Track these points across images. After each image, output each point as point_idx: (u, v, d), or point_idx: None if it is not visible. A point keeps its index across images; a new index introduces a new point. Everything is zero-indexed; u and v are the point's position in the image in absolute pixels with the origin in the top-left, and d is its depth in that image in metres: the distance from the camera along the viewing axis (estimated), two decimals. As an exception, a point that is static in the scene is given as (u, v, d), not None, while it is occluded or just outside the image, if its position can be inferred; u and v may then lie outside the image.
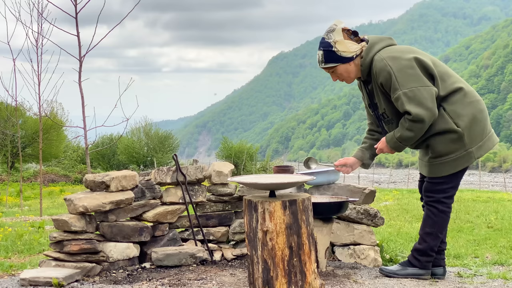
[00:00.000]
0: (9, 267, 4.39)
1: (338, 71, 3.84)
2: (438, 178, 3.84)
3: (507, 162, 61.76)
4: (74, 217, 3.96)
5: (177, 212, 4.49)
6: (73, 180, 30.33)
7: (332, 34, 3.75)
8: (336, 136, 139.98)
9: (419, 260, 3.92)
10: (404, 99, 3.61)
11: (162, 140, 37.60)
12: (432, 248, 3.89)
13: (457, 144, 3.73)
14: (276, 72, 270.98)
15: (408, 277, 3.91)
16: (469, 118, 3.73)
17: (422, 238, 3.91)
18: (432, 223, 3.87)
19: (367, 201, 4.60)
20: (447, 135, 3.73)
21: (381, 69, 3.69)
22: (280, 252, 3.09)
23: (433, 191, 3.87)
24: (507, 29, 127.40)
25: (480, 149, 3.79)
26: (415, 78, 3.62)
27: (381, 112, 3.88)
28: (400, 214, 8.89)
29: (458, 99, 3.74)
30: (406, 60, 3.66)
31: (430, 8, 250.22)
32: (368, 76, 3.86)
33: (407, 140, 3.74)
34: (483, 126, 3.80)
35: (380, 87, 3.77)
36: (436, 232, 3.87)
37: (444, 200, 3.86)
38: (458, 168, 3.79)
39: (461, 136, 3.72)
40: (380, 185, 35.01)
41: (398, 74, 3.63)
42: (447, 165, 3.79)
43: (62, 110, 29.28)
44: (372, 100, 3.94)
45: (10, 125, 18.16)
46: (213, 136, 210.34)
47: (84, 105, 7.10)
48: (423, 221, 3.93)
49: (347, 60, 3.77)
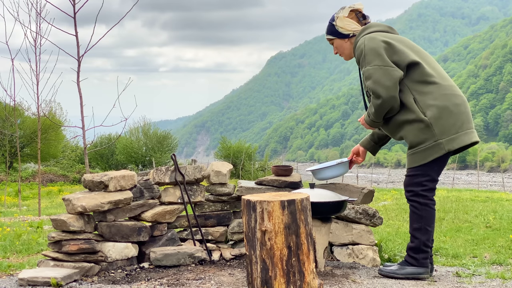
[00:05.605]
0: (8, 267, 4.39)
1: (334, 45, 4.15)
2: (411, 170, 3.90)
3: (506, 162, 61.82)
4: (73, 217, 3.95)
5: (176, 212, 4.49)
6: (72, 180, 30.33)
7: (341, 10, 4.09)
8: (335, 136, 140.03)
9: (415, 258, 3.92)
10: (366, 75, 3.84)
11: (161, 140, 37.61)
12: (425, 243, 3.91)
13: (426, 134, 3.81)
14: (274, 72, 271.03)
15: (409, 276, 3.91)
16: (439, 109, 3.80)
17: (413, 236, 3.94)
18: (418, 218, 3.90)
19: (366, 200, 4.60)
20: (415, 124, 3.83)
21: (358, 47, 3.96)
22: (278, 252, 3.09)
23: (411, 184, 3.92)
24: (505, 29, 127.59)
25: (452, 141, 3.81)
26: (381, 58, 3.81)
27: (367, 89, 4.01)
28: (399, 214, 8.90)
29: (431, 90, 3.85)
30: (380, 42, 3.86)
31: (428, 8, 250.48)
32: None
33: (372, 115, 3.92)
34: (457, 119, 3.83)
35: (358, 65, 4.00)
36: (424, 226, 3.89)
37: (423, 193, 3.88)
38: (428, 158, 3.83)
39: (428, 126, 3.80)
40: (378, 185, 35.05)
41: (368, 52, 3.85)
42: (416, 156, 3.86)
43: (60, 110, 29.32)
44: (361, 79, 4.11)
45: (9, 125, 18.16)
46: (212, 136, 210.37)
47: (83, 105, 7.10)
48: (410, 218, 3.97)
49: (343, 36, 4.07)
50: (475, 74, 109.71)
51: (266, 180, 4.70)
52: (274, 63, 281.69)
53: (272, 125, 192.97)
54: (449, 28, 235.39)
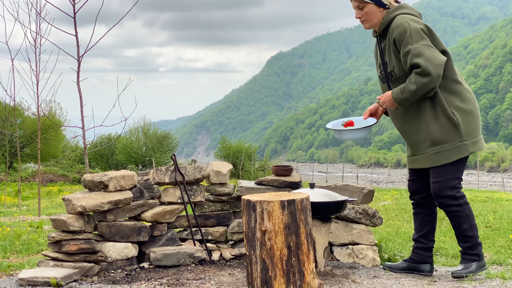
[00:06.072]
0: (8, 267, 4.39)
1: (366, 9, 3.97)
2: (437, 175, 3.85)
3: (506, 162, 61.84)
4: (73, 217, 3.95)
5: (176, 212, 4.49)
6: (72, 180, 30.33)
7: None
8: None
9: (476, 254, 3.95)
10: (415, 52, 3.71)
11: (161, 140, 37.59)
12: (478, 237, 3.96)
13: (452, 134, 3.81)
14: (274, 72, 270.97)
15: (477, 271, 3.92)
16: (466, 111, 3.83)
17: (465, 236, 3.93)
18: (465, 218, 3.90)
19: (366, 200, 4.60)
20: (443, 121, 3.81)
21: (399, 24, 3.82)
22: (278, 252, 3.09)
23: (444, 189, 3.86)
24: (505, 29, 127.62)
25: (474, 144, 3.86)
26: (427, 40, 3.75)
27: (389, 70, 3.96)
28: (399, 213, 8.90)
29: (458, 91, 3.85)
30: (423, 25, 3.82)
31: (428, 7, 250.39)
32: (384, 32, 3.97)
33: (410, 93, 3.76)
34: (477, 123, 3.91)
35: (392, 44, 3.88)
36: (472, 222, 3.91)
37: (460, 194, 3.90)
38: (451, 158, 3.83)
39: (456, 126, 3.80)
40: (378, 185, 35.06)
41: (413, 32, 3.76)
42: (440, 155, 3.84)
43: (60, 110, 29.28)
44: (383, 58, 4.02)
45: (9, 125, 18.16)
46: (212, 136, 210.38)
47: (83, 105, 7.10)
48: (455, 222, 3.93)
49: (381, 5, 3.95)
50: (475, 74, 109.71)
51: (266, 180, 4.70)
52: (274, 63, 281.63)
53: (272, 125, 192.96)
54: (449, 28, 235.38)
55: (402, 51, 3.79)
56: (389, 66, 3.97)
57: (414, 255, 4.15)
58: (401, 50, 3.80)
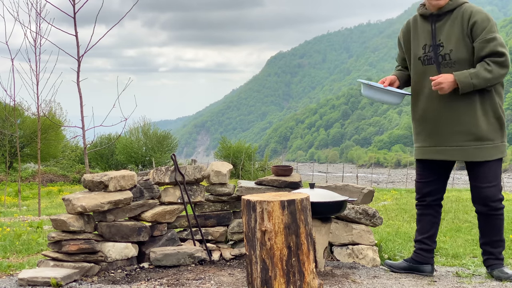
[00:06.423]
0: (7, 267, 4.39)
1: None
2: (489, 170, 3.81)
3: (506, 162, 61.76)
4: (73, 217, 3.95)
5: (176, 212, 4.49)
6: (72, 180, 30.33)
7: None
8: (335, 136, 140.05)
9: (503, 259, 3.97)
10: (501, 41, 3.73)
11: (161, 140, 37.60)
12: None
13: (497, 133, 3.84)
14: (274, 72, 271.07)
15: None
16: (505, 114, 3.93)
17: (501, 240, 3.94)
18: (502, 223, 3.91)
19: (366, 201, 4.60)
20: (492, 119, 3.82)
21: (480, 11, 3.79)
22: (278, 252, 3.09)
23: (497, 193, 3.84)
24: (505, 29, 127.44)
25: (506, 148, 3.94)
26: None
27: (443, 52, 3.85)
28: (399, 214, 8.90)
29: (502, 93, 3.91)
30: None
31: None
32: (446, 14, 3.86)
33: (482, 79, 3.69)
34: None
35: (468, 28, 3.77)
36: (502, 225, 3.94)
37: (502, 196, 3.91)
38: (493, 156, 3.82)
39: (502, 127, 3.87)
40: (378, 185, 35.05)
41: (493, 23, 3.78)
42: (484, 150, 3.81)
43: (60, 110, 29.28)
44: (434, 39, 3.89)
45: (9, 125, 18.16)
46: (212, 136, 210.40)
47: (83, 105, 7.09)
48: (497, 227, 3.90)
49: None
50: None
51: (266, 180, 4.70)
52: (274, 63, 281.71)
53: (272, 125, 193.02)
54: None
55: (484, 37, 3.72)
56: (445, 49, 3.85)
57: (416, 256, 4.12)
58: (481, 35, 3.72)
